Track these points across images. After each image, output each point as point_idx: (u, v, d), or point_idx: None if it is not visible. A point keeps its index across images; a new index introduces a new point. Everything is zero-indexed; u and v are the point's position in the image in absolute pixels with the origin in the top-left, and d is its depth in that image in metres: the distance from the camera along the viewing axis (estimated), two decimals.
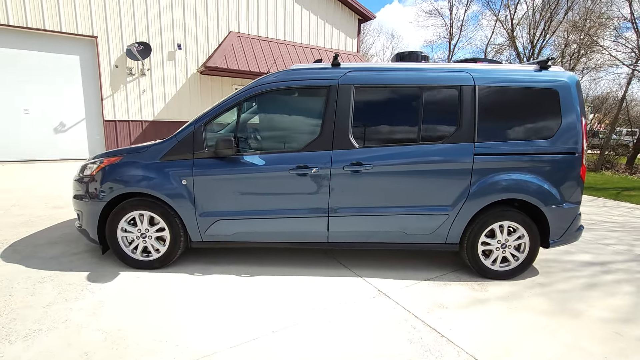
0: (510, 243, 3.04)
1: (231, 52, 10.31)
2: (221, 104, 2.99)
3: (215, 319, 2.37)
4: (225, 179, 2.92)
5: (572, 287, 3.04)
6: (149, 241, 3.03)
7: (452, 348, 2.13)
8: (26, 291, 2.63)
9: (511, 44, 17.82)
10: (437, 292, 2.83)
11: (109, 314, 2.38)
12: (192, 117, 11.23)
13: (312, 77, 2.94)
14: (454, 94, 2.92)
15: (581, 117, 2.95)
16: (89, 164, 3.20)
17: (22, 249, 3.42)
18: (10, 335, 2.12)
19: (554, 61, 3.02)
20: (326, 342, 2.16)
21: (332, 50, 12.97)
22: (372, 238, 3.06)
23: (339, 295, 2.73)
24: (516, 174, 2.92)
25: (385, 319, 2.43)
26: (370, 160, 2.89)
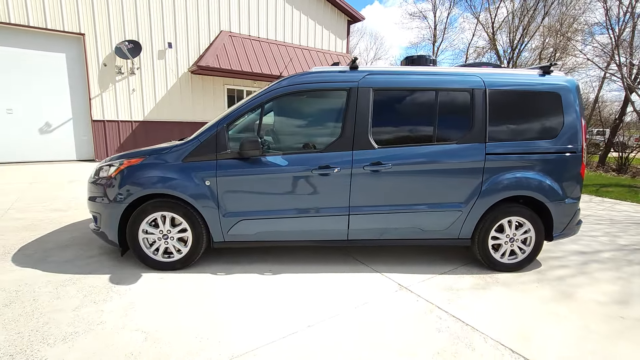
0: (517, 237, 3.23)
1: (223, 52, 10.23)
2: (244, 105, 3.03)
3: (250, 315, 2.42)
4: (248, 179, 2.97)
5: (569, 275, 3.27)
6: (171, 242, 3.04)
7: (478, 335, 2.28)
8: (50, 295, 2.60)
9: (492, 47, 18.47)
10: (453, 284, 2.99)
11: (142, 314, 2.40)
12: (183, 117, 11.06)
13: (332, 80, 3.04)
14: (467, 97, 3.09)
15: (581, 118, 3.18)
16: (105, 165, 3.17)
17: (33, 253, 3.34)
18: (47, 339, 2.11)
19: (555, 66, 3.24)
20: (362, 333, 2.26)
21: (322, 51, 13.08)
22: (389, 235, 3.18)
23: (363, 290, 2.84)
24: (524, 172, 3.11)
25: (412, 311, 2.55)
26: (389, 160, 3.01)
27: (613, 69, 12.61)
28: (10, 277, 2.85)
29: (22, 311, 2.38)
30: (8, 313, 2.35)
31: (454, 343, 2.19)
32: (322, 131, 3.15)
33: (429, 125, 3.09)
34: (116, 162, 3.09)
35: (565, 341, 2.25)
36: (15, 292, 2.62)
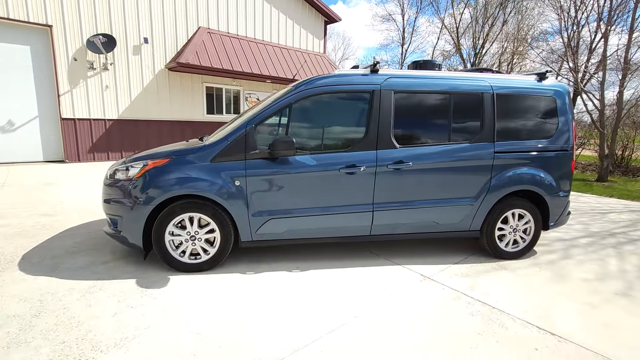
0: (519, 227, 3.56)
1: (202, 49, 9.96)
2: (271, 106, 3.06)
3: (295, 310, 2.49)
4: (278, 179, 3.01)
5: (558, 259, 3.65)
6: (198, 243, 3.01)
7: (506, 316, 2.53)
8: (80, 303, 2.49)
9: (457, 50, 19.54)
10: (469, 272, 3.24)
11: (186, 315, 2.38)
12: (160, 115, 10.64)
13: (357, 82, 3.16)
14: (477, 100, 3.35)
15: (572, 120, 3.58)
16: (121, 167, 3.07)
17: (40, 261, 3.14)
18: (98, 346, 2.04)
19: (550, 73, 3.60)
20: (408, 319, 2.42)
21: (300, 50, 13.13)
22: (408, 229, 3.38)
23: (391, 281, 3.01)
24: (526, 169, 3.44)
25: (441, 298, 2.76)
26: (409, 158, 3.19)
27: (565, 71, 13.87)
28: (27, 287, 2.68)
29: (57, 320, 2.27)
30: (41, 323, 2.24)
31: (488, 324, 2.42)
32: (347, 131, 3.26)
33: (445, 126, 3.32)
34: (138, 163, 2.99)
35: (575, 315, 2.56)
36: (40, 302, 2.48)
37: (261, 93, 12.41)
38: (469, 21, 18.63)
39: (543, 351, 2.15)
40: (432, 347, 2.15)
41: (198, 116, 11.04)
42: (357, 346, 2.13)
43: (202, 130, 11.08)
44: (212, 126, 11.19)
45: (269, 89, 12.62)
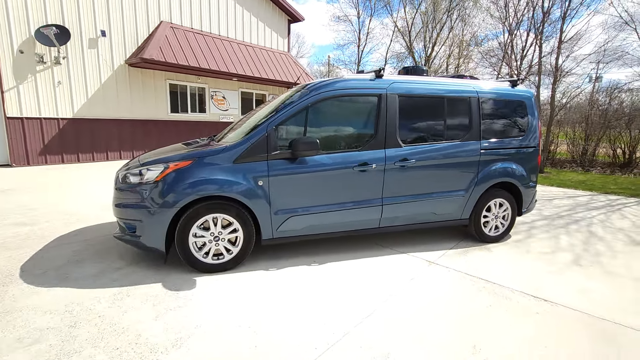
0: (499, 214, 4.10)
1: (167, 44, 9.53)
2: (289, 107, 3.18)
3: (330, 299, 2.68)
4: (298, 178, 3.16)
5: (525, 239, 4.26)
6: (222, 243, 3.05)
7: (506, 289, 2.96)
8: (113, 310, 2.44)
9: (410, 53, 20.73)
10: (464, 256, 3.67)
11: (229, 313, 2.46)
12: (121, 114, 10.15)
13: (367, 86, 3.41)
14: (466, 103, 3.79)
15: (538, 120, 4.18)
16: (135, 171, 3.00)
17: (44, 273, 2.95)
18: (155, 348, 2.06)
19: (521, 80, 4.17)
20: (428, 299, 2.73)
21: (265, 49, 13.07)
22: (411, 220, 3.72)
23: (402, 267, 3.32)
24: (506, 163, 3.96)
25: (450, 279, 3.13)
26: (412, 156, 3.53)
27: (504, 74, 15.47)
28: (45, 300, 2.54)
29: (99, 329, 2.22)
30: (83, 333, 2.18)
31: (494, 297, 2.83)
32: (358, 132, 3.50)
33: (441, 126, 3.71)
34: (156, 166, 2.95)
35: (554, 283, 3.08)
36: (69, 313, 2.38)
37: (227, 91, 12.16)
38: (420, 26, 19.85)
39: (543, 314, 2.60)
40: (459, 318, 2.49)
41: (162, 115, 10.53)
42: (397, 324, 2.39)
43: (166, 129, 10.60)
44: (177, 125, 10.77)
45: (235, 87, 12.41)
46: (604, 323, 2.50)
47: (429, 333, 2.31)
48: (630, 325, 2.48)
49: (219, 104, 11.97)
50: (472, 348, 2.18)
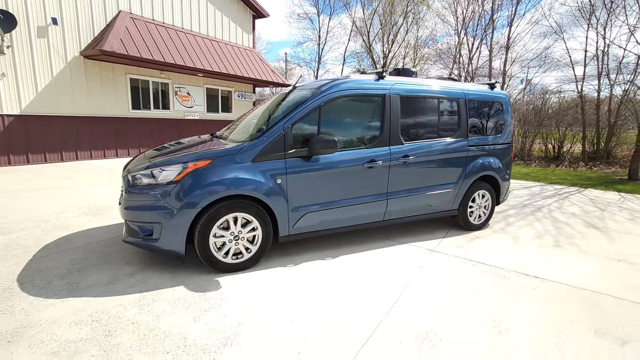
0: (482, 204, 4.54)
1: (127, 36, 8.91)
2: (302, 107, 3.23)
3: (355, 289, 2.83)
4: (313, 175, 3.24)
5: (504, 226, 4.78)
6: (241, 242, 3.04)
7: (502, 270, 3.33)
8: (146, 316, 2.36)
9: (368, 53, 21.43)
10: (458, 243, 4.03)
11: (266, 309, 2.50)
12: (76, 110, 9.50)
13: (372, 87, 3.58)
14: (455, 103, 4.14)
15: (511, 120, 4.68)
16: (146, 172, 2.88)
17: (48, 284, 2.73)
18: (208, 348, 2.06)
19: (498, 83, 4.64)
20: (442, 283, 2.99)
21: (230, 44, 12.73)
22: (410, 212, 3.98)
23: (408, 256, 3.56)
24: (487, 158, 4.40)
25: (453, 264, 3.44)
26: (412, 152, 3.79)
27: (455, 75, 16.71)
28: (62, 311, 2.37)
29: (139, 335, 2.15)
30: (123, 341, 2.09)
31: (496, 277, 3.18)
32: (366, 130, 3.65)
33: (435, 124, 4.02)
34: (172, 167, 2.86)
35: (541, 262, 3.53)
36: (97, 322, 2.26)
37: (192, 87, 11.67)
38: (378, 27, 20.60)
39: (537, 289, 2.98)
40: (474, 296, 2.78)
41: (122, 112, 9.82)
42: (424, 306, 2.61)
43: (128, 127, 9.94)
44: (139, 123, 10.15)
45: (200, 83, 11.96)
46: (586, 292, 2.95)
47: (454, 310, 2.56)
48: (605, 292, 2.95)
49: (184, 100, 11.44)
50: (493, 321, 2.46)
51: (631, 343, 2.27)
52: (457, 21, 18.53)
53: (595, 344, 2.25)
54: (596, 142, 12.86)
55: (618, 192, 7.64)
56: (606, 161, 12.35)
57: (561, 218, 5.28)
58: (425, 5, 20.32)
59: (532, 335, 2.32)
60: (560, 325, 2.44)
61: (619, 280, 3.21)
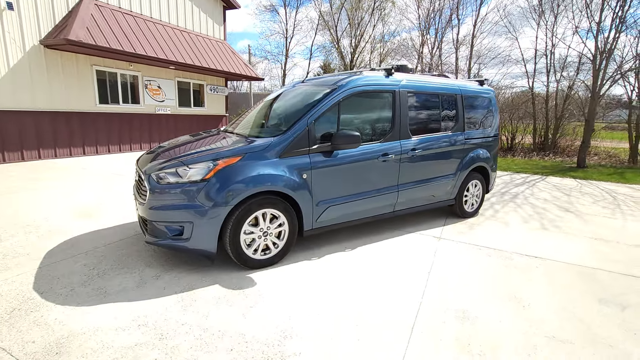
0: (475, 193, 4.89)
1: (94, 25, 8.26)
2: (323, 103, 3.28)
3: (383, 276, 2.97)
4: (335, 169, 3.32)
5: (494, 213, 5.20)
6: (270, 238, 3.06)
7: (505, 252, 3.66)
8: (192, 316, 2.33)
9: (336, 48, 21.60)
10: (458, 230, 4.32)
11: (309, 302, 2.56)
12: (36, 104, 8.96)
13: (384, 84, 3.71)
14: (454, 99, 4.40)
15: (497, 114, 5.07)
16: (171, 170, 2.80)
17: (71, 291, 2.57)
18: (269, 342, 2.09)
19: (487, 80, 4.98)
20: (459, 266, 3.23)
21: (201, 35, 12.24)
22: (416, 203, 4.20)
23: (420, 244, 3.78)
24: (480, 150, 4.73)
25: (461, 249, 3.70)
26: (419, 146, 3.99)
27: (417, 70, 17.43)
28: (100, 318, 2.27)
29: (194, 336, 2.12)
30: (182, 343, 2.06)
31: (503, 259, 3.49)
32: (379, 125, 3.77)
33: (437, 119, 4.25)
34: (201, 164, 2.79)
35: (535, 244, 3.92)
36: (144, 326, 2.19)
37: (163, 80, 11.10)
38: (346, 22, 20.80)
39: (540, 267, 3.32)
40: (491, 277, 3.04)
41: (89, 106, 9.12)
42: (452, 287, 2.82)
43: (95, 123, 9.28)
44: (107, 118, 9.52)
45: (172, 76, 11.41)
46: (581, 268, 3.34)
47: (478, 290, 2.80)
48: (596, 267, 3.36)
49: (154, 94, 10.85)
50: (515, 297, 2.73)
51: (630, 307, 2.64)
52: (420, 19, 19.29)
53: (602, 310, 2.59)
54: (544, 134, 14.12)
55: (574, 179, 8.52)
56: (554, 151, 13.62)
57: (537, 204, 5.82)
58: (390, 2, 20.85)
59: (551, 306, 2.62)
60: (570, 297, 2.77)
61: (602, 256, 3.66)
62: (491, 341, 2.18)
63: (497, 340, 2.19)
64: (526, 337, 2.23)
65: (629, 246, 3.97)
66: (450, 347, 2.12)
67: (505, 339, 2.20)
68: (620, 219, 5.08)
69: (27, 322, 2.20)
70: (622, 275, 3.21)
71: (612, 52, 10.43)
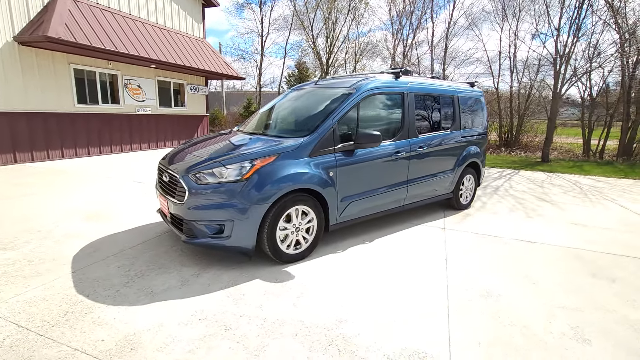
0: (469, 187, 5.31)
1: (73, 21, 7.90)
2: (345, 104, 3.49)
3: (406, 263, 3.24)
4: (357, 167, 3.54)
5: (482, 203, 5.68)
6: (300, 233, 3.22)
7: (505, 239, 4.06)
8: (245, 308, 2.46)
9: (312, 48, 21.77)
10: (458, 220, 4.70)
11: (352, 291, 2.77)
12: (10, 105, 8.62)
13: (394, 86, 3.99)
14: (450, 100, 4.78)
15: (486, 113, 5.53)
16: (207, 170, 2.90)
17: (117, 292, 2.61)
18: (327, 326, 2.28)
19: (477, 83, 5.42)
20: (470, 252, 3.58)
21: (180, 33, 11.97)
22: (421, 197, 4.52)
23: (430, 234, 4.10)
24: (473, 147, 5.15)
25: (466, 238, 4.07)
26: (425, 143, 4.31)
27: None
28: (158, 315, 2.35)
29: (256, 324, 2.27)
30: (248, 332, 2.20)
31: (503, 244, 3.88)
32: (391, 124, 4.03)
33: (438, 118, 4.60)
34: (240, 163, 2.91)
35: (526, 230, 4.37)
36: (206, 320, 2.31)
37: (142, 79, 10.76)
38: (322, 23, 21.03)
39: (537, 251, 3.74)
40: (501, 260, 3.40)
41: (67, 107, 8.68)
42: (470, 270, 3.14)
43: (74, 124, 8.87)
44: (87, 119, 9.15)
45: (152, 75, 11.09)
46: (570, 249, 3.80)
47: (493, 272, 3.14)
48: (582, 248, 3.84)
49: (134, 93, 10.50)
50: (525, 277, 3.10)
51: (617, 280, 3.09)
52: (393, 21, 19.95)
53: (596, 283, 3.02)
54: (508, 131, 15.19)
55: (543, 172, 9.33)
56: (518, 147, 14.70)
57: (518, 195, 6.38)
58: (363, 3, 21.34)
59: (555, 282, 3.01)
60: (569, 274, 3.19)
61: (583, 238, 4.16)
62: (516, 313, 2.51)
63: (521, 311, 2.53)
64: (544, 308, 2.59)
65: (602, 229, 4.53)
66: (484, 319, 2.42)
67: (527, 310, 2.54)
68: (590, 206, 5.72)
69: (86, 323, 2.23)
70: (603, 253, 3.70)
71: (570, 56, 11.47)
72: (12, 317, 2.26)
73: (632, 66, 11.68)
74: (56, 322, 2.23)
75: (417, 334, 2.23)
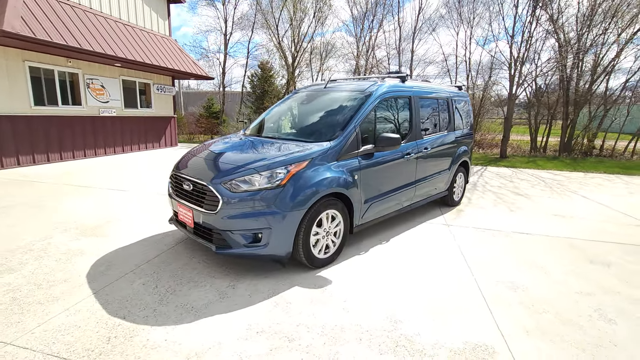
0: (460, 184, 5.64)
1: (29, 14, 7.12)
2: (364, 108, 3.55)
3: (427, 260, 3.39)
4: (377, 169, 3.61)
5: (468, 201, 6.06)
6: (330, 237, 3.23)
7: (503, 232, 4.38)
8: (300, 318, 2.44)
9: (278, 49, 21.57)
10: (456, 217, 4.98)
11: (391, 290, 2.84)
12: None
13: (403, 90, 4.12)
14: (447, 102, 5.04)
15: (472, 114, 5.90)
16: (240, 178, 2.81)
17: (154, 312, 2.45)
18: (385, 328, 2.33)
19: (465, 86, 5.74)
20: (478, 245, 3.82)
21: (145, 30, 11.26)
22: (424, 196, 4.72)
23: (437, 230, 4.31)
24: (463, 147, 5.48)
25: (470, 232, 4.33)
26: (429, 145, 4.51)
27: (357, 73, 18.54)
28: (211, 332, 2.25)
29: (317, 333, 2.26)
30: (312, 341, 2.18)
31: (504, 237, 4.19)
32: (402, 126, 4.16)
33: (437, 120, 4.83)
34: (274, 169, 2.85)
35: (516, 222, 4.75)
36: (263, 332, 2.25)
37: (106, 79, 9.96)
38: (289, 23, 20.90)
39: (536, 241, 4.09)
40: (507, 251, 3.67)
41: (22, 108, 7.79)
42: (487, 263, 3.36)
43: (31, 128, 8.00)
44: (46, 122, 8.32)
45: (116, 75, 10.32)
46: (562, 239, 4.20)
47: (508, 263, 3.39)
48: (571, 237, 4.26)
49: (98, 94, 9.68)
50: (536, 266, 3.39)
51: (613, 265, 3.48)
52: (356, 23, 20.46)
53: (596, 268, 3.38)
54: None
55: (507, 167, 10.12)
56: (476, 144, 15.78)
57: (495, 190, 6.88)
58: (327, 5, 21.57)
59: (563, 269, 3.32)
60: (569, 260, 3.53)
61: (567, 228, 4.62)
62: (544, 301, 2.74)
63: (548, 299, 2.77)
64: (565, 294, 2.86)
65: (580, 219, 5.05)
66: (520, 309, 2.61)
67: (553, 298, 2.79)
68: (559, 198, 6.34)
69: (136, 347, 2.07)
70: (592, 241, 4.15)
71: (524, 62, 12.55)
72: (47, 349, 2.03)
73: (568, 70, 13.04)
74: (102, 350, 2.04)
75: (470, 328, 2.36)
